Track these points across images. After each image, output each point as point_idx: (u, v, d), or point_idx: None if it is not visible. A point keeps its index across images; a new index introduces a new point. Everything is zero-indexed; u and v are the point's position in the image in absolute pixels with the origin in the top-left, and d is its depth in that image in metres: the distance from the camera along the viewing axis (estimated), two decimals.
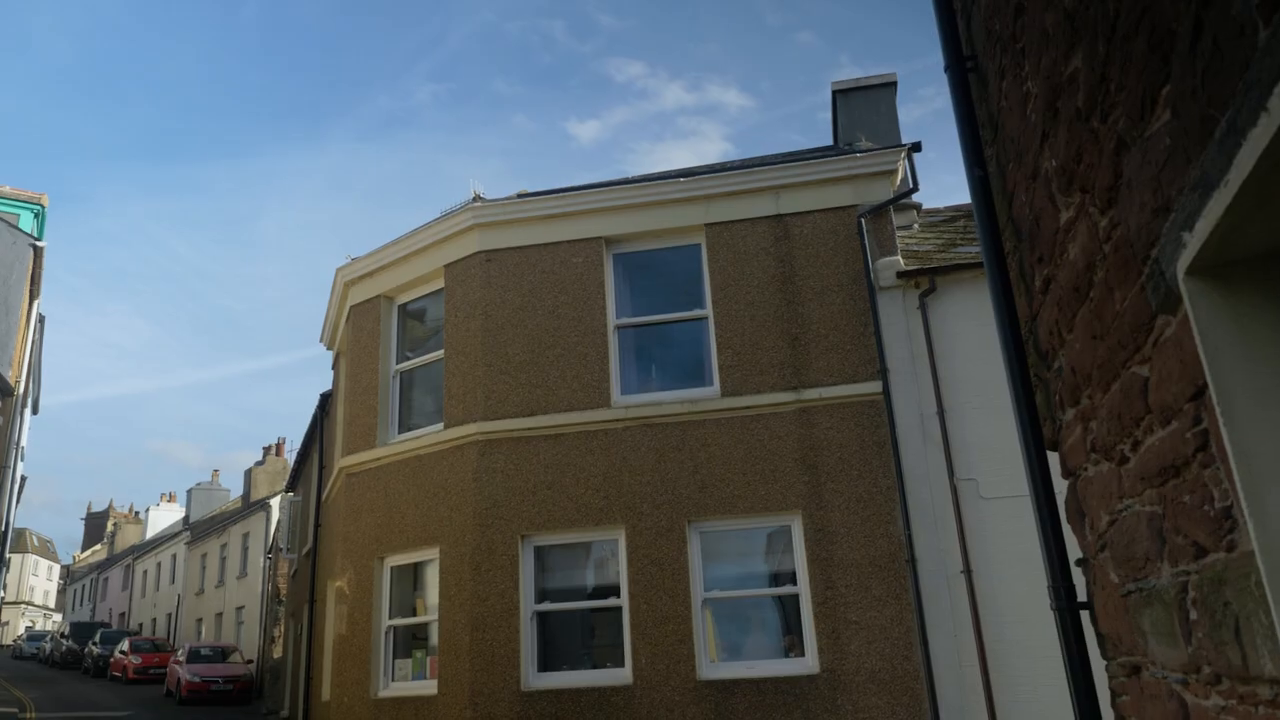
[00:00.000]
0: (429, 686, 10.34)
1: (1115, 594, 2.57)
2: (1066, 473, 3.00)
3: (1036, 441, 3.10)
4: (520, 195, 11.76)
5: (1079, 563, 3.01)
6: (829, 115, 14.54)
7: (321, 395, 15.87)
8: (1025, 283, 3.23)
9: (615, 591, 9.95)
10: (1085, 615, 2.94)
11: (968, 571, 9.28)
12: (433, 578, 10.83)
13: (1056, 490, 3.15)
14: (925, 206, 13.67)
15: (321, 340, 15.03)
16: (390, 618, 11.18)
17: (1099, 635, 2.86)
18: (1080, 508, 2.90)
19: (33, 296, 13.79)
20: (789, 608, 9.71)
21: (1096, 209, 2.21)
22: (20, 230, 13.20)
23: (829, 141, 14.41)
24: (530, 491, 10.26)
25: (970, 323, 10.11)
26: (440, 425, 11.08)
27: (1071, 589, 2.96)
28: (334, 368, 15.00)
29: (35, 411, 23.60)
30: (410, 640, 11.21)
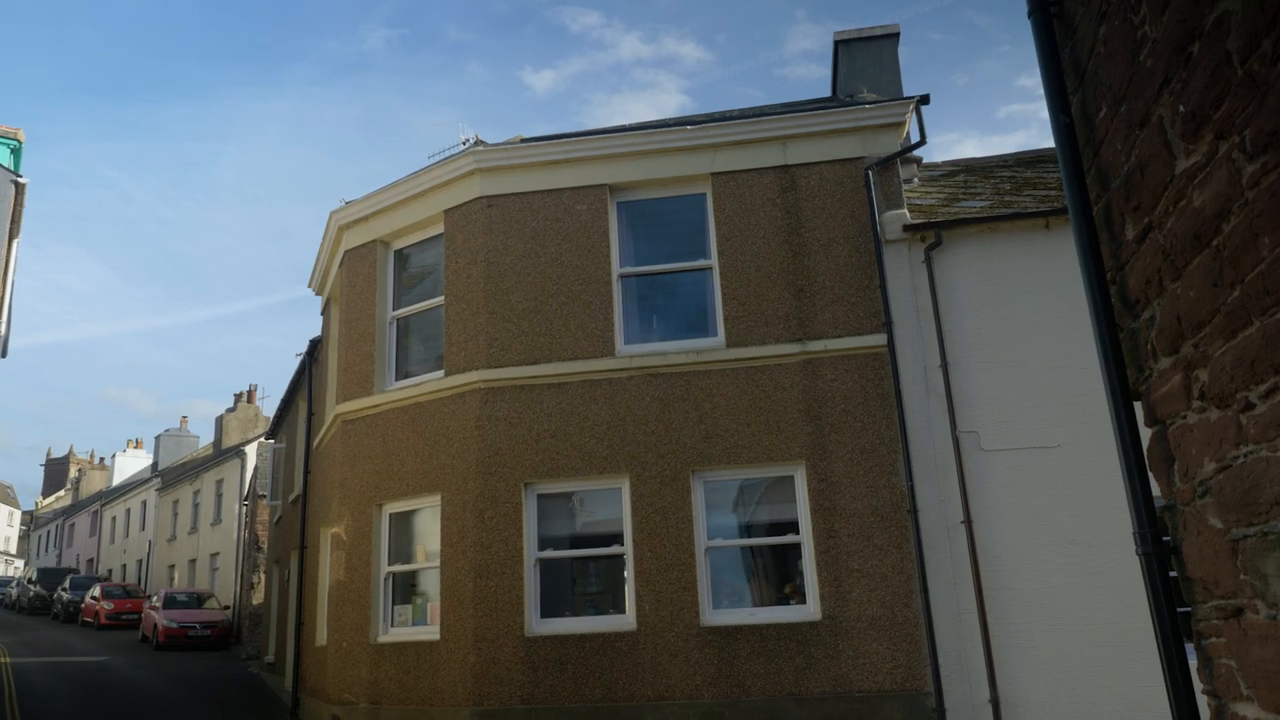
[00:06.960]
0: (431, 632, 10.39)
1: (1218, 539, 2.62)
2: (1152, 421, 3.03)
3: (1124, 390, 3.13)
4: (521, 140, 11.56)
5: (1162, 509, 3.06)
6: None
7: (310, 341, 15.66)
8: (1110, 232, 3.23)
9: (619, 539, 10.02)
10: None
11: (968, 522, 9.45)
12: (432, 524, 10.83)
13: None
14: (923, 161, 13.66)
15: (310, 285, 14.78)
16: (390, 564, 11.18)
17: (1185, 580, 2.91)
18: (1169, 455, 2.94)
19: (12, 236, 13.39)
20: (792, 556, 9.85)
21: (1242, 154, 2.19)
22: (1, 166, 12.78)
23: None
24: (533, 440, 10.24)
25: (975, 277, 10.18)
26: (440, 373, 10.99)
27: (1159, 534, 3.01)
28: (324, 313, 14.78)
29: (4, 354, 23.08)
30: (408, 587, 11.23)
